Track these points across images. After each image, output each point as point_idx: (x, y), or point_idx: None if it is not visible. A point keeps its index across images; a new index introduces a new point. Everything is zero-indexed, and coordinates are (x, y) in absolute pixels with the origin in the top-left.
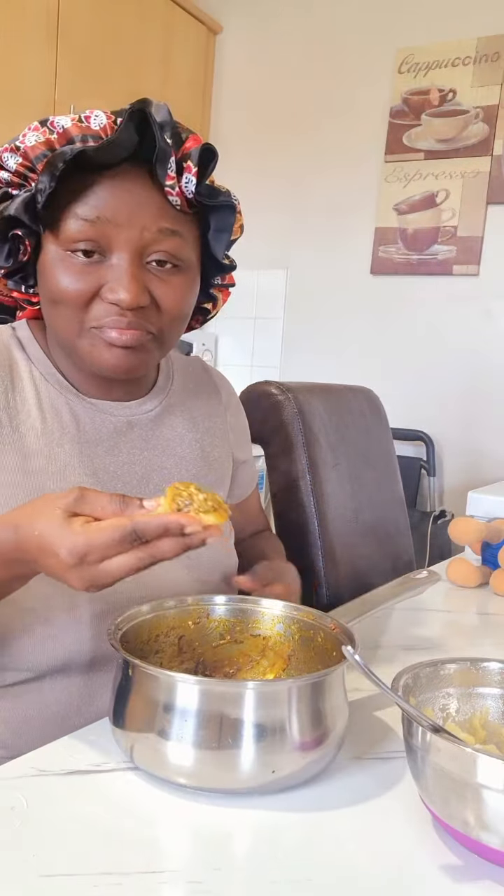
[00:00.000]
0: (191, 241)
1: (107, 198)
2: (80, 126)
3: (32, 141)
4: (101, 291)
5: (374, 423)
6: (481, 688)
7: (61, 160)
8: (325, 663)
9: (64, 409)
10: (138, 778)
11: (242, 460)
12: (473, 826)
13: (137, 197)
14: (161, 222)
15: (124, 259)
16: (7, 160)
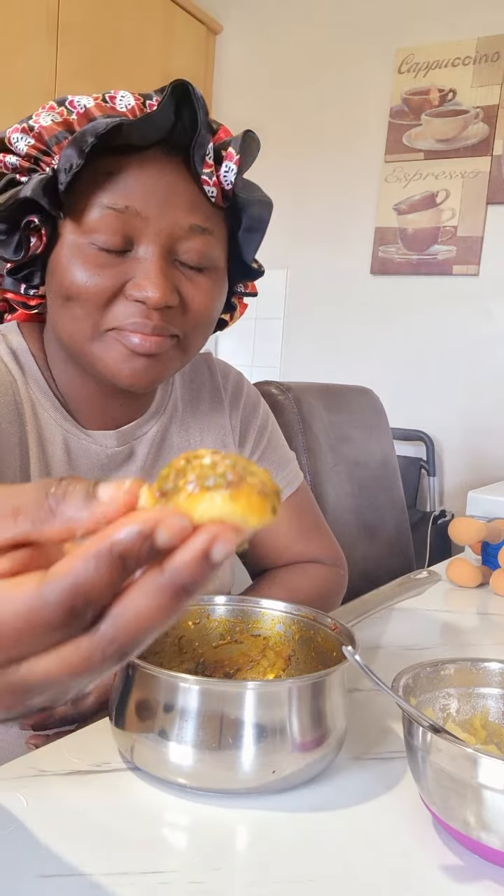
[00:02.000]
0: (220, 240)
1: (137, 185)
2: (104, 106)
3: (48, 121)
4: (124, 288)
5: (374, 423)
6: (481, 688)
7: (92, 135)
8: (325, 663)
9: (58, 439)
10: (138, 778)
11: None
12: (474, 826)
13: (170, 186)
14: (193, 217)
15: (153, 253)
16: (17, 142)
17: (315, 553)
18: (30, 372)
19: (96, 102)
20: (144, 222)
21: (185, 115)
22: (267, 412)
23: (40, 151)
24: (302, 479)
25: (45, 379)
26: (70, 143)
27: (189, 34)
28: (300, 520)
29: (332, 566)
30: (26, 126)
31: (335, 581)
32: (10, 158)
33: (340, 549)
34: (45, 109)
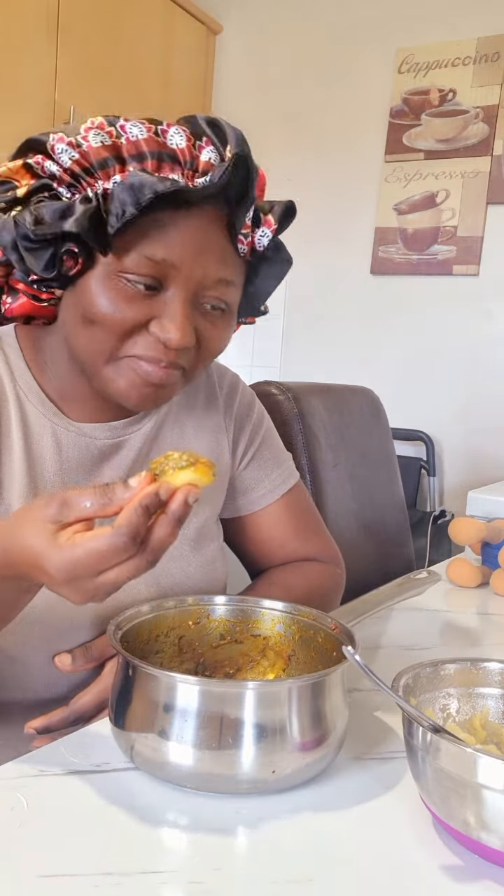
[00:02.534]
0: (240, 287)
1: (178, 240)
2: (157, 141)
3: (97, 142)
4: (148, 324)
5: (374, 423)
6: (481, 688)
7: (151, 191)
8: (325, 663)
9: (46, 432)
10: (139, 778)
11: (246, 459)
12: (474, 826)
13: (207, 240)
14: (223, 271)
15: (179, 298)
16: (61, 153)
17: (311, 551)
18: (19, 372)
19: (149, 135)
20: (177, 271)
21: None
22: (262, 412)
23: (83, 170)
24: (297, 479)
25: (34, 379)
26: (127, 190)
27: (189, 34)
28: (296, 518)
29: (328, 564)
30: (73, 140)
31: (331, 579)
32: (49, 164)
33: (337, 548)
34: (94, 126)
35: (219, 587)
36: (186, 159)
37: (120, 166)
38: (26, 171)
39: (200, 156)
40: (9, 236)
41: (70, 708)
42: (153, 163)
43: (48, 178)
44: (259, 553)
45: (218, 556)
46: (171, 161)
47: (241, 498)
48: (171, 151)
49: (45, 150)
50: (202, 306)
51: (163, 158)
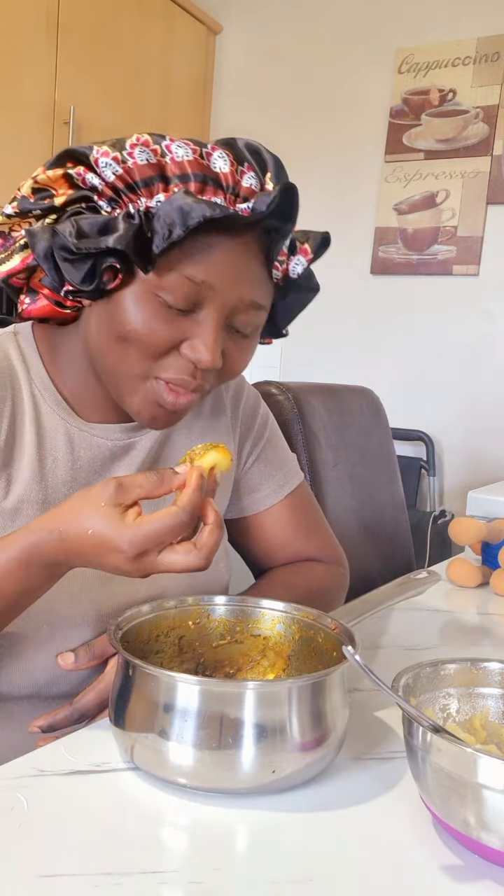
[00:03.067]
0: (268, 311)
1: (219, 263)
2: (201, 164)
3: (143, 159)
4: (179, 345)
5: (374, 423)
6: (481, 688)
7: (200, 216)
8: (325, 663)
9: (60, 432)
10: (138, 778)
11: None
12: (474, 826)
13: (245, 264)
14: (256, 295)
15: (212, 319)
16: (105, 167)
17: (314, 551)
18: (35, 370)
19: (194, 157)
20: (214, 293)
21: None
22: (266, 413)
23: (126, 186)
24: (301, 479)
25: (50, 378)
26: (176, 211)
27: (189, 34)
28: (299, 518)
29: (331, 564)
30: (118, 156)
31: (334, 579)
32: (91, 177)
33: (341, 548)
34: (140, 143)
35: (221, 588)
36: (229, 184)
37: (164, 185)
38: (65, 181)
39: (242, 181)
40: (44, 245)
41: (73, 706)
42: (197, 185)
43: (88, 190)
44: (262, 553)
45: (222, 556)
46: (214, 185)
47: (246, 498)
48: (214, 175)
49: (88, 163)
50: (231, 329)
51: (206, 181)
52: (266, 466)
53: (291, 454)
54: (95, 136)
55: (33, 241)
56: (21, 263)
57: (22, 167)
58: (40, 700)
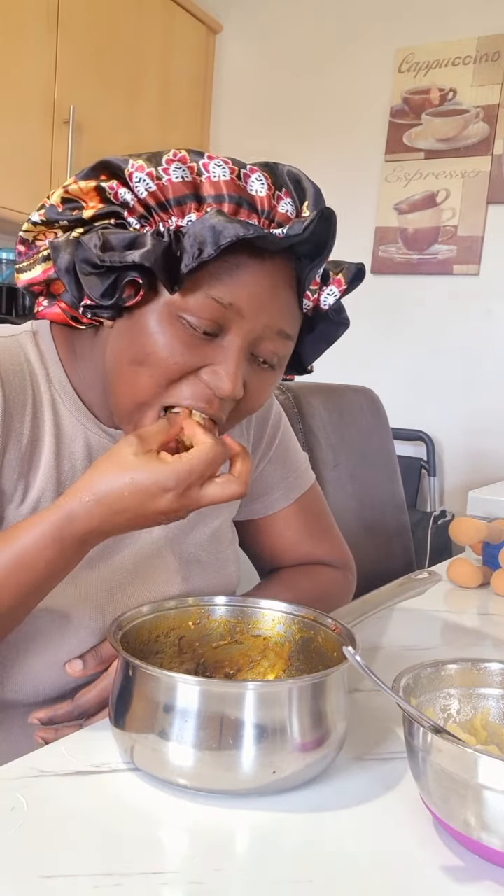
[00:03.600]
0: (294, 343)
1: (247, 286)
2: (237, 185)
3: (178, 176)
4: (198, 371)
5: (374, 423)
6: (482, 688)
7: (233, 236)
8: (325, 664)
9: (78, 437)
10: (139, 779)
11: (263, 462)
12: (474, 827)
13: (275, 291)
14: (283, 324)
15: (236, 346)
16: (138, 182)
17: (323, 555)
18: (54, 372)
19: (231, 177)
20: (240, 318)
21: (314, 236)
22: (279, 414)
23: (158, 204)
24: (313, 482)
25: (69, 380)
26: (208, 230)
27: (189, 34)
28: (309, 521)
29: (339, 569)
30: (153, 172)
31: (340, 584)
32: (123, 192)
33: (350, 554)
34: (176, 159)
35: (230, 590)
36: (265, 208)
37: (197, 204)
38: (97, 194)
39: (278, 207)
40: (66, 258)
41: (74, 703)
42: (231, 206)
43: (119, 205)
44: (271, 554)
45: (232, 558)
46: (248, 208)
47: (258, 501)
48: (249, 198)
49: (122, 176)
50: (255, 359)
51: (241, 204)
52: (278, 469)
53: (304, 454)
54: (95, 135)
55: (56, 254)
56: (42, 275)
57: (22, 167)
58: (43, 700)
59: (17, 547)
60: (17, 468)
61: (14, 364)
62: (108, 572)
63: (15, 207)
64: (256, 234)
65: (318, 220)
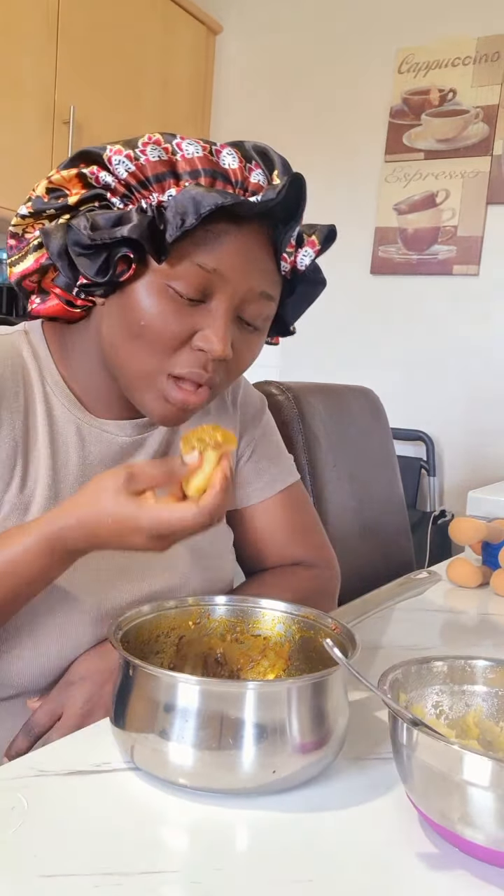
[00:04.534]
0: (276, 304)
1: (228, 251)
2: (210, 160)
3: (154, 156)
4: (191, 339)
5: (374, 423)
6: (473, 685)
7: (211, 204)
8: (325, 664)
9: (70, 428)
10: (139, 778)
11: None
12: (456, 822)
13: (255, 255)
14: (266, 285)
15: (223, 308)
16: (118, 164)
17: (305, 552)
18: (46, 368)
19: (204, 153)
20: (224, 282)
21: (288, 200)
22: (263, 409)
23: (139, 182)
24: (296, 479)
25: (60, 375)
26: (189, 200)
27: (189, 34)
28: (291, 517)
29: (320, 569)
30: (131, 153)
31: (322, 584)
32: (104, 175)
33: (332, 552)
34: (151, 142)
35: (226, 584)
36: (238, 179)
37: (175, 180)
38: (79, 181)
39: (250, 177)
40: (58, 243)
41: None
42: (207, 179)
43: (101, 188)
44: (253, 550)
45: (227, 549)
46: (223, 180)
47: (239, 491)
48: (223, 171)
49: (101, 161)
50: (241, 321)
51: (216, 176)
52: (260, 460)
53: (288, 455)
54: (95, 136)
55: (48, 240)
56: (35, 263)
57: (22, 167)
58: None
59: (7, 553)
60: (13, 454)
61: (4, 358)
62: (105, 564)
63: (15, 207)
64: (234, 201)
65: (290, 185)
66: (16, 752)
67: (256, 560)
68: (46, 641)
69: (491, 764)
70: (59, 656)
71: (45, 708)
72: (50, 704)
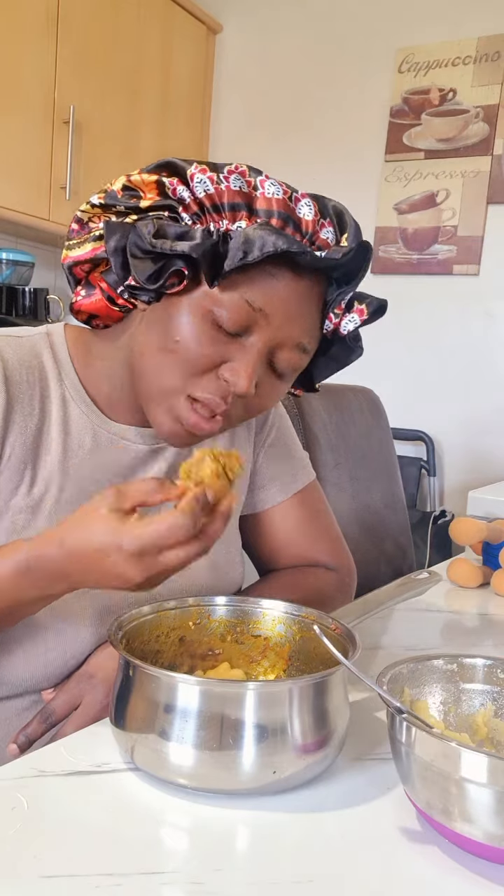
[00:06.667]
0: (309, 359)
1: (280, 296)
2: (287, 205)
3: (236, 185)
4: (219, 367)
5: (374, 423)
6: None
7: (276, 247)
8: (326, 664)
9: (87, 434)
10: (139, 779)
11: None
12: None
13: (302, 306)
14: (305, 338)
15: (256, 348)
16: (198, 183)
17: (321, 555)
18: (66, 371)
19: (283, 197)
20: (266, 323)
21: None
22: (281, 410)
23: (213, 206)
24: (312, 478)
25: (79, 379)
26: (257, 241)
27: (189, 34)
28: (308, 518)
29: (336, 572)
30: (214, 176)
31: (335, 587)
32: (182, 190)
33: (350, 557)
34: (237, 171)
35: (234, 590)
36: (308, 231)
37: (248, 214)
38: (156, 188)
39: (320, 232)
40: (118, 239)
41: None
42: (279, 222)
43: (175, 200)
44: (269, 551)
45: (238, 560)
46: (294, 227)
47: (257, 493)
48: (297, 219)
49: (183, 176)
50: (271, 366)
51: (288, 222)
52: (277, 462)
53: (303, 452)
54: (95, 135)
55: (109, 233)
56: (90, 253)
57: (22, 167)
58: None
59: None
60: (22, 458)
61: (23, 360)
62: None
63: (15, 207)
64: (300, 250)
65: (356, 251)
66: (27, 737)
67: (273, 561)
68: (46, 639)
69: (487, 760)
70: (60, 655)
71: (64, 697)
72: (68, 694)
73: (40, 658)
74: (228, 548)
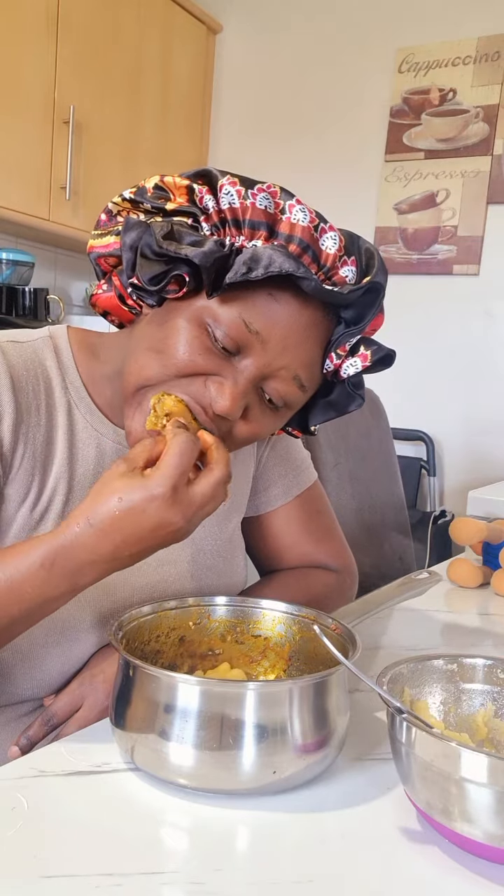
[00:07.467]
0: (307, 398)
1: (279, 322)
2: (311, 235)
3: (262, 204)
4: (208, 379)
5: (375, 423)
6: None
7: (283, 268)
8: (326, 664)
9: (91, 442)
10: (139, 779)
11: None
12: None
13: (303, 338)
14: (300, 371)
15: (249, 372)
16: (224, 195)
17: (323, 557)
18: (70, 377)
19: (309, 226)
20: (262, 349)
21: (360, 303)
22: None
23: (234, 220)
24: (314, 479)
25: (83, 383)
26: (264, 259)
27: (189, 34)
28: (310, 519)
29: (337, 573)
30: (241, 191)
31: (336, 588)
32: (208, 199)
33: (352, 558)
34: (267, 190)
35: (237, 591)
36: (326, 264)
37: (267, 234)
38: (186, 193)
39: (340, 269)
40: (133, 236)
41: (45, 712)
42: (297, 249)
43: (200, 209)
44: (271, 552)
45: (241, 563)
46: (312, 257)
47: (261, 495)
48: (317, 250)
49: (213, 185)
50: (262, 394)
51: (306, 251)
52: (278, 464)
53: (305, 452)
54: (95, 135)
55: (126, 230)
56: (109, 246)
57: (22, 167)
58: (39, 701)
59: (8, 570)
60: (31, 470)
61: (28, 369)
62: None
63: (15, 207)
64: (304, 275)
65: (366, 291)
66: (28, 739)
67: (275, 562)
68: (47, 648)
69: (488, 760)
70: (60, 665)
71: (66, 700)
72: (70, 696)
73: (41, 668)
74: (231, 551)
